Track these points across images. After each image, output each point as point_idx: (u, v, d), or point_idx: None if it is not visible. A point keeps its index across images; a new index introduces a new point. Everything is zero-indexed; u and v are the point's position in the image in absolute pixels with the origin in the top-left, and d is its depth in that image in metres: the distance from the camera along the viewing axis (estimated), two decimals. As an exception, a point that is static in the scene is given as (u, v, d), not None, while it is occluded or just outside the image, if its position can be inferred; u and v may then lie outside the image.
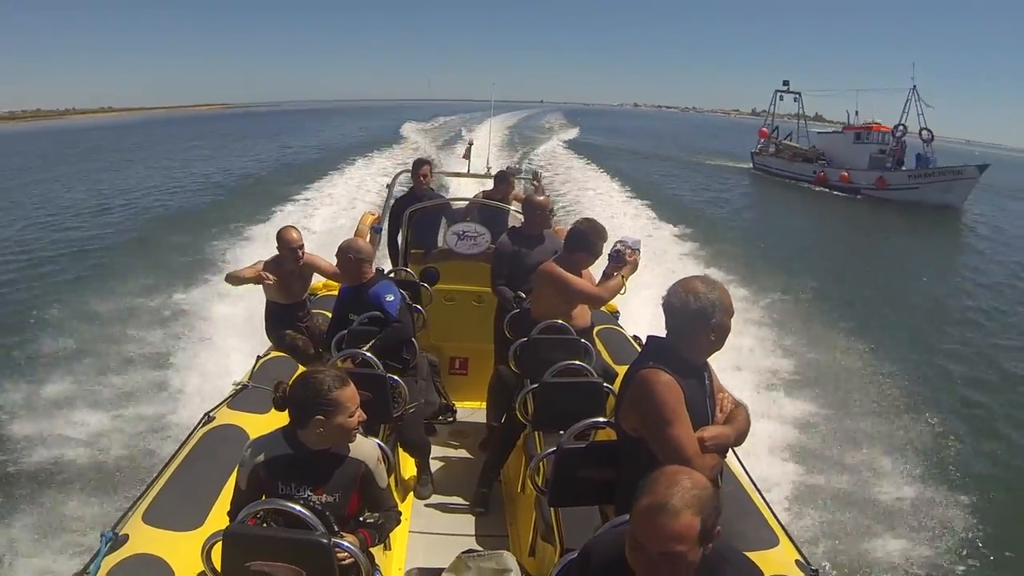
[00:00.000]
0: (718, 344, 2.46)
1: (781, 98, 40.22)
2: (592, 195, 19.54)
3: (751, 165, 40.79)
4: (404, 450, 4.50)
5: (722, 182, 33.84)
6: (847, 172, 31.93)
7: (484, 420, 5.34)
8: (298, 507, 2.31)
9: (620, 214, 16.75)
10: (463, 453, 5.28)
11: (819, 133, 39.30)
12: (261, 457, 2.46)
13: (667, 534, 1.59)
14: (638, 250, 4.12)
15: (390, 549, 3.86)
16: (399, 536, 4.11)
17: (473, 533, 4.27)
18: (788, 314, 11.01)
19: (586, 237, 4.18)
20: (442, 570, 3.19)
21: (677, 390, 2.36)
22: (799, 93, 39.79)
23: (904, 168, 31.03)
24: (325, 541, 2.21)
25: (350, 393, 2.43)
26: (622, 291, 4.14)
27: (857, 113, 34.91)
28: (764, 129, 40.42)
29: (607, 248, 4.21)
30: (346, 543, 2.32)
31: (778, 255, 16.28)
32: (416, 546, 4.10)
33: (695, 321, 2.39)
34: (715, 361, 2.62)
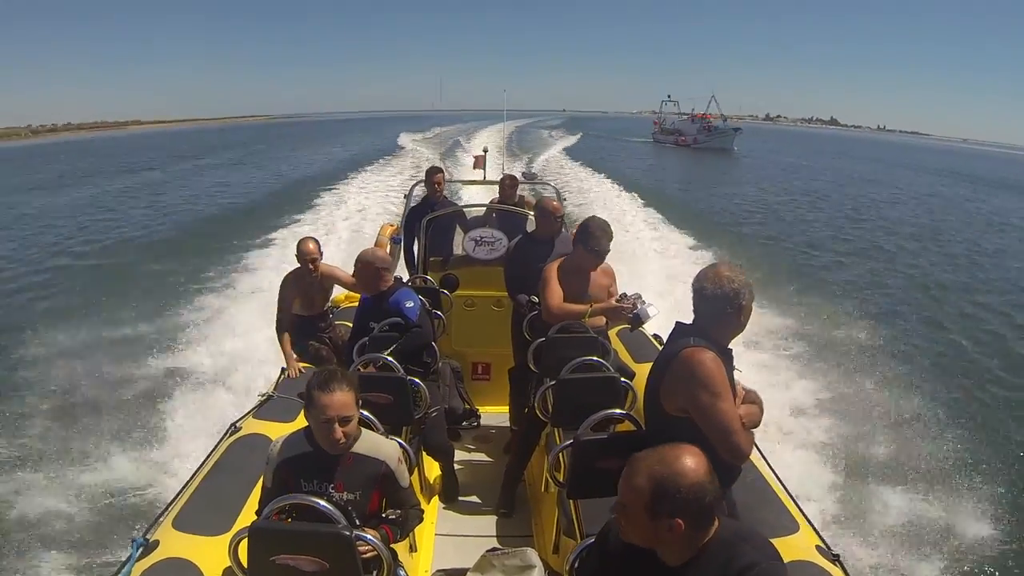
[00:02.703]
0: (743, 326, 2.58)
1: (665, 103, 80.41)
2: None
3: (652, 139, 75.75)
4: (428, 454, 4.53)
5: (641, 149, 63.67)
6: (685, 137, 67.51)
7: (508, 424, 5.38)
8: (321, 502, 2.36)
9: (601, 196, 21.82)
10: (487, 457, 5.32)
11: (678, 119, 74.78)
12: (285, 455, 2.52)
13: (623, 485, 1.79)
14: (638, 316, 4.01)
15: (416, 551, 3.90)
16: (425, 538, 4.16)
17: (498, 534, 4.29)
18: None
19: (583, 230, 4.18)
20: (467, 570, 3.22)
21: (722, 366, 2.46)
22: (676, 101, 79.88)
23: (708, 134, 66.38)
24: (347, 533, 2.25)
25: (331, 400, 2.38)
26: (586, 318, 4.11)
27: (709, 105, 74.88)
28: (656, 121, 79.89)
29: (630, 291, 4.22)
30: (368, 535, 2.37)
31: (664, 177, 37.04)
32: (442, 548, 4.14)
33: (728, 304, 2.49)
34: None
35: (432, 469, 4.73)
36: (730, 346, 2.63)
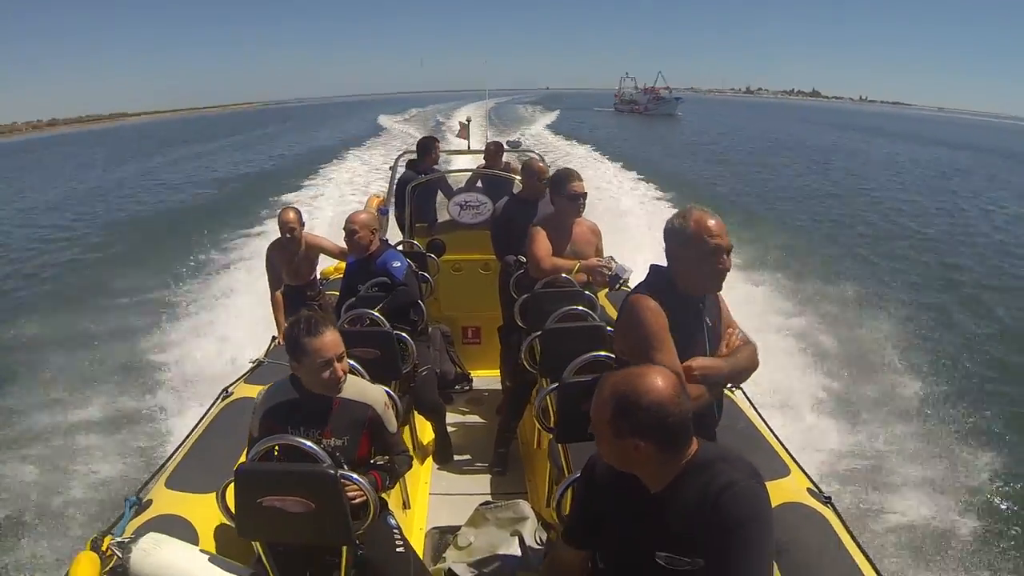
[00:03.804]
0: (712, 275, 2.41)
1: (623, 80, 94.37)
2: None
3: (613, 108, 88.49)
4: (420, 413, 4.56)
5: (607, 117, 72.28)
6: (639, 106, 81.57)
7: (499, 387, 5.40)
8: (306, 442, 2.37)
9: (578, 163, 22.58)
10: (480, 419, 5.35)
11: (634, 91, 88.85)
12: (271, 403, 2.53)
13: (592, 403, 1.79)
14: (616, 276, 4.19)
15: (410, 508, 3.93)
16: (419, 497, 4.19)
17: (492, 491, 4.33)
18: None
19: (554, 180, 4.28)
20: (461, 526, 3.24)
21: (661, 316, 2.35)
22: (634, 78, 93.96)
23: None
24: (332, 472, 2.25)
25: (324, 342, 2.40)
26: (572, 274, 4.20)
27: (656, 79, 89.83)
28: (617, 94, 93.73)
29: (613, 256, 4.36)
30: (354, 475, 2.37)
31: (626, 137, 43.38)
32: (437, 506, 4.18)
33: (678, 241, 2.39)
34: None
35: (425, 430, 4.76)
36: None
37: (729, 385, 2.90)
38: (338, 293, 4.89)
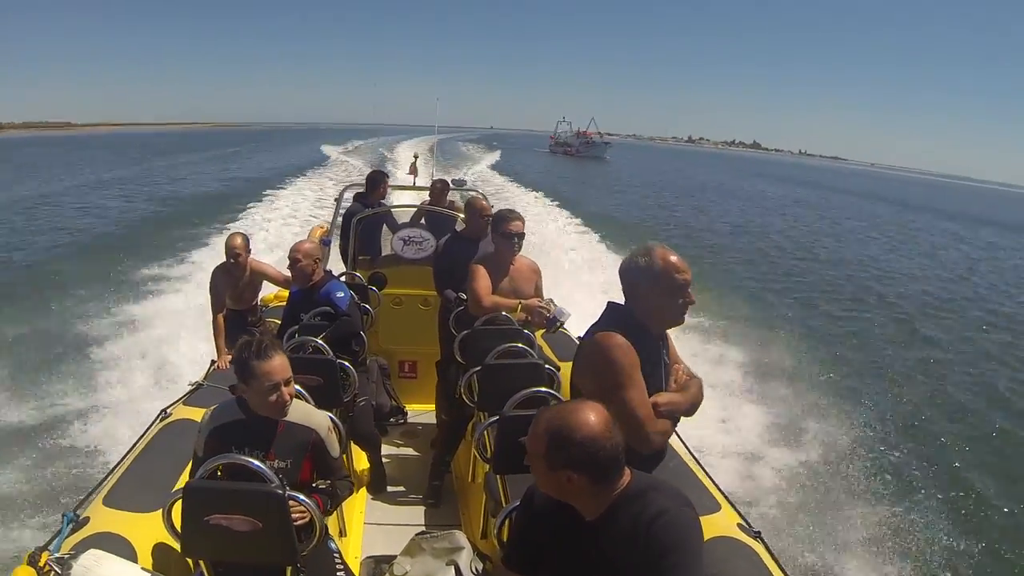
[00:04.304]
0: (674, 310, 2.48)
1: (560, 124, 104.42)
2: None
3: (548, 150, 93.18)
4: (355, 443, 4.58)
5: (542, 158, 77.36)
6: (571, 148, 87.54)
7: (434, 422, 5.47)
8: (254, 461, 2.42)
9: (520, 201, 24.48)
10: (414, 451, 5.39)
11: (568, 135, 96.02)
12: (216, 423, 2.57)
13: (528, 436, 1.87)
14: (555, 318, 4.34)
15: (346, 535, 3.96)
16: (354, 526, 4.21)
17: (426, 523, 4.37)
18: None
19: (494, 220, 4.47)
20: (397, 555, 3.28)
21: (632, 353, 2.38)
22: (570, 122, 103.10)
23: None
24: (280, 492, 2.31)
25: (272, 366, 2.45)
26: (513, 312, 4.35)
27: (589, 124, 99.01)
28: (552, 136, 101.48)
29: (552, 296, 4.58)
30: (300, 496, 2.43)
31: (557, 177, 46.64)
32: (371, 536, 4.21)
33: (644, 279, 2.44)
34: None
35: (360, 459, 4.78)
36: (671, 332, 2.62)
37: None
38: (279, 321, 4.92)
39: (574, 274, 12.01)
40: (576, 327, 4.32)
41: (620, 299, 2.56)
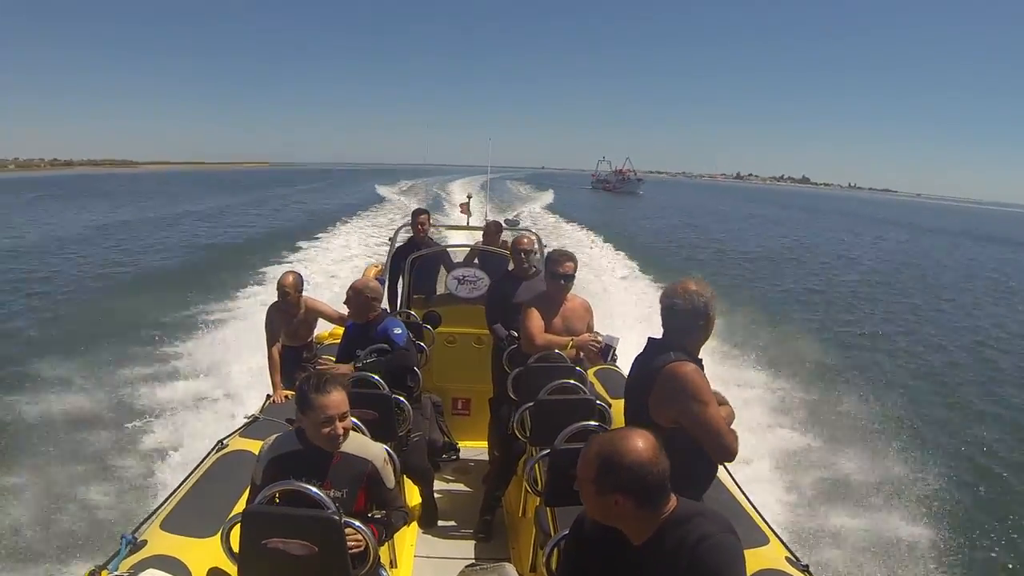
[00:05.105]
0: (710, 335, 2.78)
1: (600, 163, 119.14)
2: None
3: (591, 186, 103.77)
4: (408, 477, 4.63)
5: (587, 194, 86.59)
6: (609, 184, 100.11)
7: (486, 458, 5.49)
8: (312, 488, 2.48)
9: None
10: (466, 487, 5.42)
11: (607, 173, 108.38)
12: (275, 452, 2.65)
13: (579, 461, 1.94)
14: (607, 346, 4.51)
15: (396, 567, 3.99)
16: (404, 559, 4.24)
17: (476, 556, 4.39)
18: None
19: (547, 260, 4.55)
20: None
21: (704, 375, 2.65)
22: (610, 161, 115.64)
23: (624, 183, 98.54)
24: (337, 518, 2.37)
25: (329, 400, 2.54)
26: (564, 350, 4.43)
27: (625, 163, 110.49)
28: (594, 174, 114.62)
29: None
30: (357, 523, 2.49)
31: (601, 211, 51.23)
32: (421, 568, 4.24)
33: (699, 318, 2.70)
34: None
35: (412, 494, 4.82)
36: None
37: None
38: (333, 358, 5.03)
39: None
40: (623, 362, 4.39)
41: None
